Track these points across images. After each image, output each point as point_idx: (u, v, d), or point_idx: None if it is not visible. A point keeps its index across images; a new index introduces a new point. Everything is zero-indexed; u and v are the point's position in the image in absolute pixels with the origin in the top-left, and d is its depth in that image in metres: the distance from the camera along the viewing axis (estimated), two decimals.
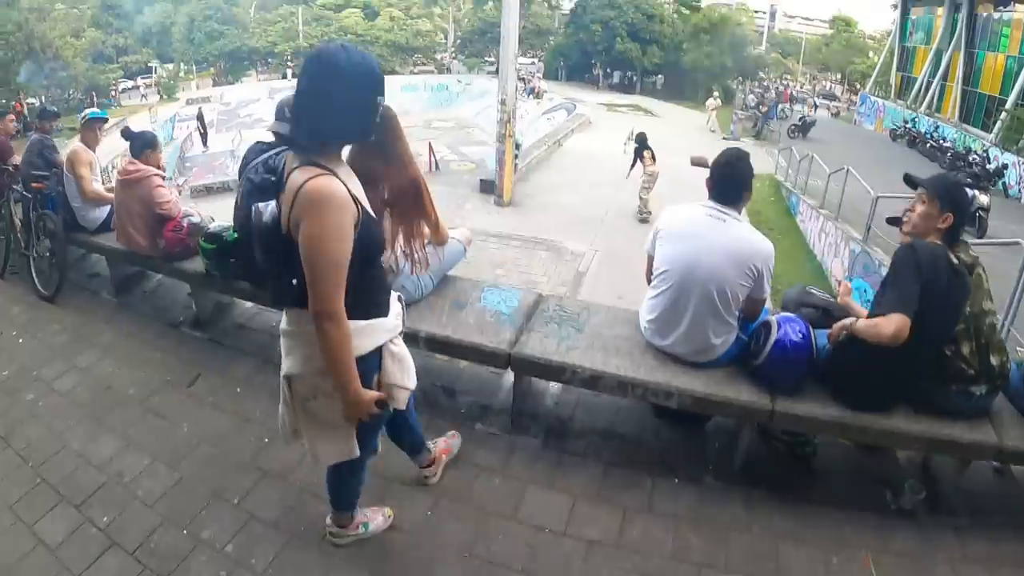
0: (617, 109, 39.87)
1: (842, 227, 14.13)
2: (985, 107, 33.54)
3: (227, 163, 32.37)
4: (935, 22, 41.79)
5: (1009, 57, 32.43)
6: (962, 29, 36.29)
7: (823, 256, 15.18)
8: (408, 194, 3.51)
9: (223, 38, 60.98)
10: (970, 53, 35.90)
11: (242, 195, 4.19)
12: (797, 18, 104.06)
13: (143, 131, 5.98)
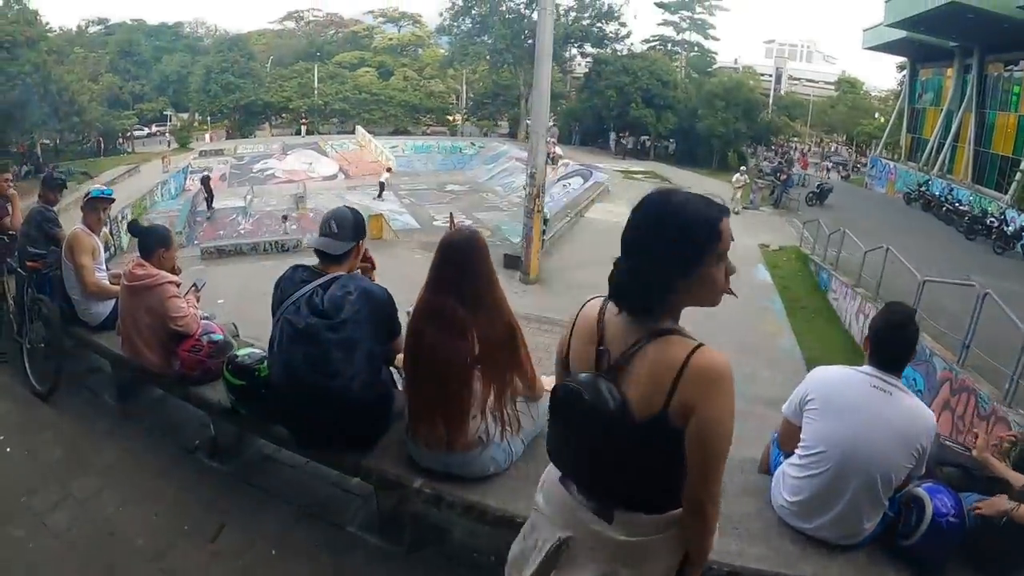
0: (633, 176, 39.37)
1: None
2: (999, 168, 33.40)
3: (238, 219, 32.55)
4: (944, 83, 42.00)
5: (1021, 117, 32.47)
6: (973, 90, 36.31)
7: (863, 339, 14.28)
8: (503, 345, 3.14)
9: (239, 91, 61.53)
10: (981, 113, 35.87)
11: (280, 338, 3.45)
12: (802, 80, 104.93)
13: (155, 226, 5.25)
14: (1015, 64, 33.78)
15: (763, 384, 11.86)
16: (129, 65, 64.75)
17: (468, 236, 3.24)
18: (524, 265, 16.71)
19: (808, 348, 13.95)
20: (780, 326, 15.37)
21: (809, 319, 16.01)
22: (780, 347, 13.99)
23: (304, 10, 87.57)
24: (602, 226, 23.89)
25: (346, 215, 3.58)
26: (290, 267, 3.61)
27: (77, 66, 56.49)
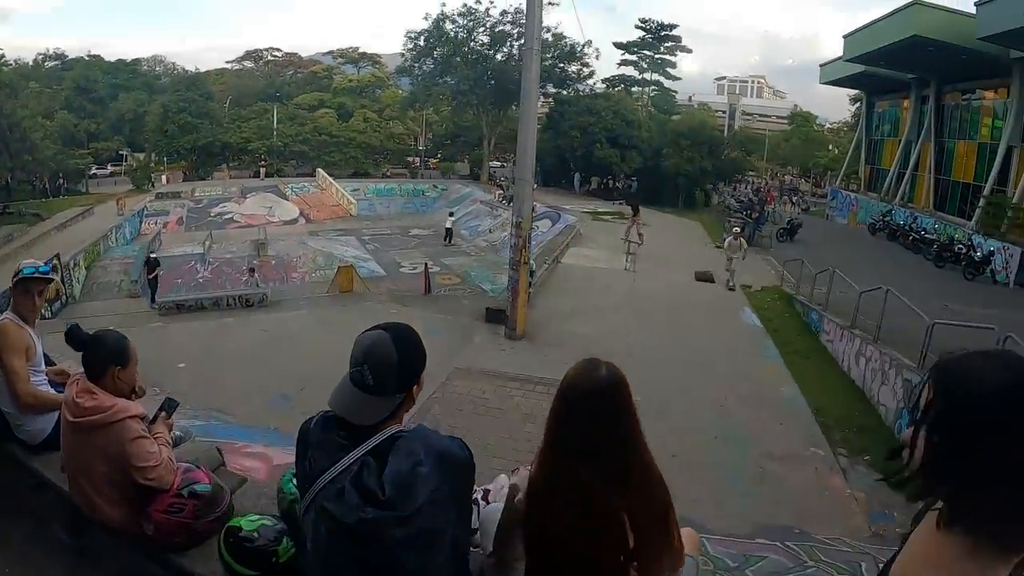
0: (601, 217, 39.04)
1: (889, 352, 12.97)
2: (960, 194, 34.34)
3: (197, 267, 31.06)
4: (901, 114, 43.11)
5: (981, 144, 33.31)
6: (931, 119, 37.35)
7: (865, 382, 13.84)
8: (659, 527, 2.36)
9: (196, 131, 60.12)
10: (940, 142, 36.99)
11: (319, 536, 2.25)
12: (755, 116, 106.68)
13: (104, 335, 3.61)
14: (972, 93, 34.87)
15: (776, 439, 11.39)
16: (85, 102, 63.77)
17: (609, 378, 2.45)
18: (510, 320, 15.74)
19: (812, 395, 13.33)
20: (779, 373, 14.71)
21: (805, 364, 15.41)
22: (784, 397, 13.34)
23: (263, 50, 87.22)
24: (580, 272, 23.37)
25: (386, 354, 2.27)
26: (318, 417, 2.50)
27: (31, 101, 55.41)
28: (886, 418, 12.40)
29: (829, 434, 11.68)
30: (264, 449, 8.19)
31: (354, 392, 2.28)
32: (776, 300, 20.89)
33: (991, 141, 32.21)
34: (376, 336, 2.32)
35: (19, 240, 34.13)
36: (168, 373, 12.46)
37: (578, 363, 2.56)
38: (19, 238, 34.59)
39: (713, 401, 12.49)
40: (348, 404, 2.30)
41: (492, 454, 9.84)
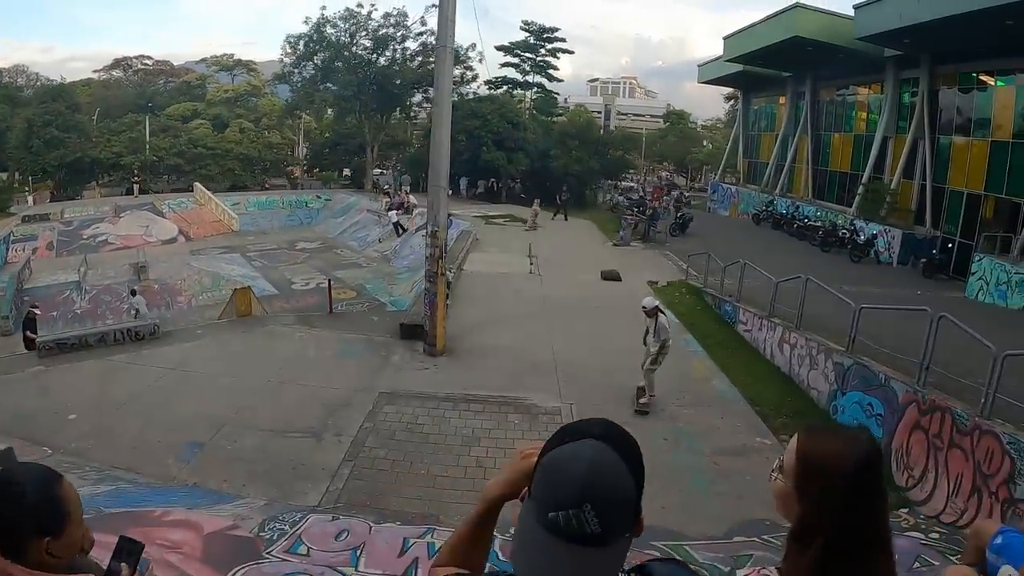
0: (493, 221, 38.62)
1: (815, 338, 13.36)
2: (838, 183, 36.38)
3: (73, 297, 28.75)
4: (778, 110, 44.92)
5: (856, 136, 35.43)
6: (807, 114, 39.16)
7: (792, 368, 14.15)
8: None
9: (63, 146, 56.02)
10: (817, 135, 38.77)
11: None
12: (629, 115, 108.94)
13: (16, 477, 2.26)
14: (847, 89, 36.77)
15: (723, 434, 11.50)
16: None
17: (864, 452, 1.80)
18: (429, 335, 14.94)
19: (742, 386, 13.54)
20: (707, 367, 14.79)
21: (728, 355, 15.56)
22: (717, 390, 13.43)
23: (132, 58, 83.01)
24: (485, 279, 22.83)
25: (619, 482, 1.38)
26: None
27: None
28: (819, 401, 12.80)
29: (769, 422, 11.94)
30: (188, 515, 7.27)
31: (570, 552, 1.34)
32: (685, 294, 21.02)
33: (866, 133, 34.01)
34: (595, 456, 1.38)
35: None
36: (57, 427, 11.19)
37: (825, 433, 1.90)
38: None
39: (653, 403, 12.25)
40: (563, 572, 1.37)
41: (443, 487, 9.44)
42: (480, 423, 11.36)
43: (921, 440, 9.74)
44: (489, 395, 12.49)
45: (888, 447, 10.27)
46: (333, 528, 7.11)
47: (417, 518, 8.13)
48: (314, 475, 9.74)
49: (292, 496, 9.09)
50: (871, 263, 27.48)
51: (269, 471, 9.82)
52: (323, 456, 10.30)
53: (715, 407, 12.55)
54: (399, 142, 65.52)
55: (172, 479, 9.60)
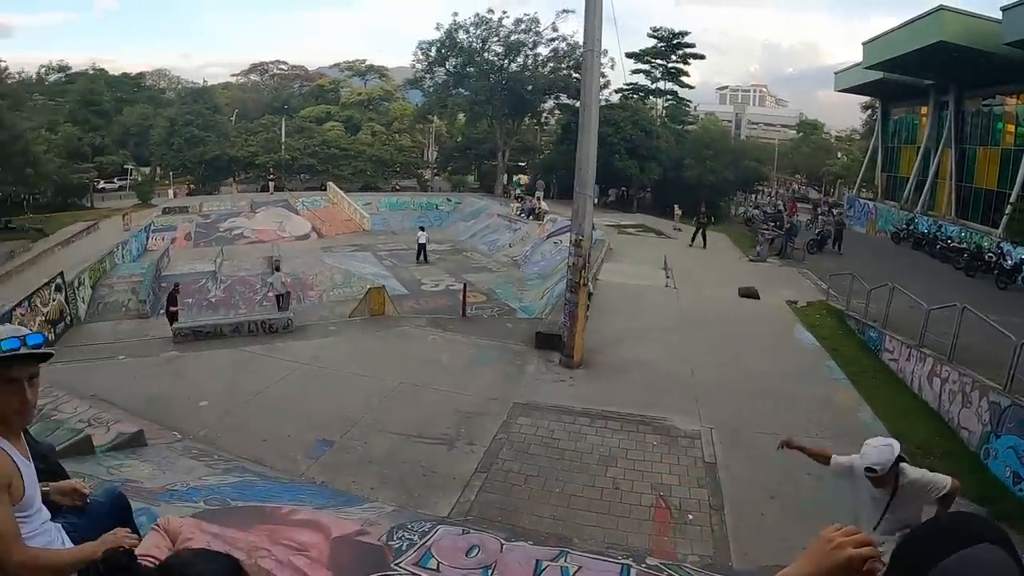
0: (626, 230, 38.30)
1: (970, 373, 12.26)
2: (983, 202, 33.83)
3: (208, 286, 30.09)
4: (919, 121, 42.56)
5: (1004, 150, 32.71)
6: (951, 126, 36.71)
7: (942, 404, 13.08)
8: None
9: (203, 145, 59.97)
10: (961, 149, 36.27)
11: None
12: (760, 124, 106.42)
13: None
14: (993, 99, 34.41)
15: None
16: (89, 115, 62.65)
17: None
18: (567, 347, 14.63)
19: (888, 420, 12.59)
20: (851, 397, 13.85)
21: (873, 385, 14.60)
22: (862, 423, 12.52)
23: (269, 63, 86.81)
24: (621, 291, 22.38)
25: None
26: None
27: (35, 114, 54.75)
28: (969, 443, 11.76)
29: (916, 463, 10.82)
30: (316, 515, 7.18)
31: None
32: (826, 317, 20.00)
33: (1015, 147, 31.72)
34: (1005, 568, 1.22)
35: (21, 256, 33.49)
36: (189, 413, 11.52)
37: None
38: (21, 254, 33.98)
39: (795, 431, 11.67)
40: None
41: (578, 507, 9.11)
42: (617, 442, 11.00)
43: None
44: (627, 413, 12.09)
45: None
46: (464, 543, 6.85)
47: (550, 539, 7.81)
48: (445, 484, 9.58)
49: (422, 504, 8.92)
50: (1019, 290, 25.04)
51: (399, 476, 9.73)
52: (455, 465, 10.14)
53: (859, 441, 11.63)
54: (530, 147, 65.84)
55: (300, 475, 9.64)
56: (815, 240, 33.15)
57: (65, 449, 8.08)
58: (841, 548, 1.45)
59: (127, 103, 67.99)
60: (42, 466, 3.35)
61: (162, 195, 56.17)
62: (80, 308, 24.76)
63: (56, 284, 22.72)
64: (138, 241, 38.46)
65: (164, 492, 7.46)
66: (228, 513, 6.96)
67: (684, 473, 10.15)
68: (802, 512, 9.34)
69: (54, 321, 22.01)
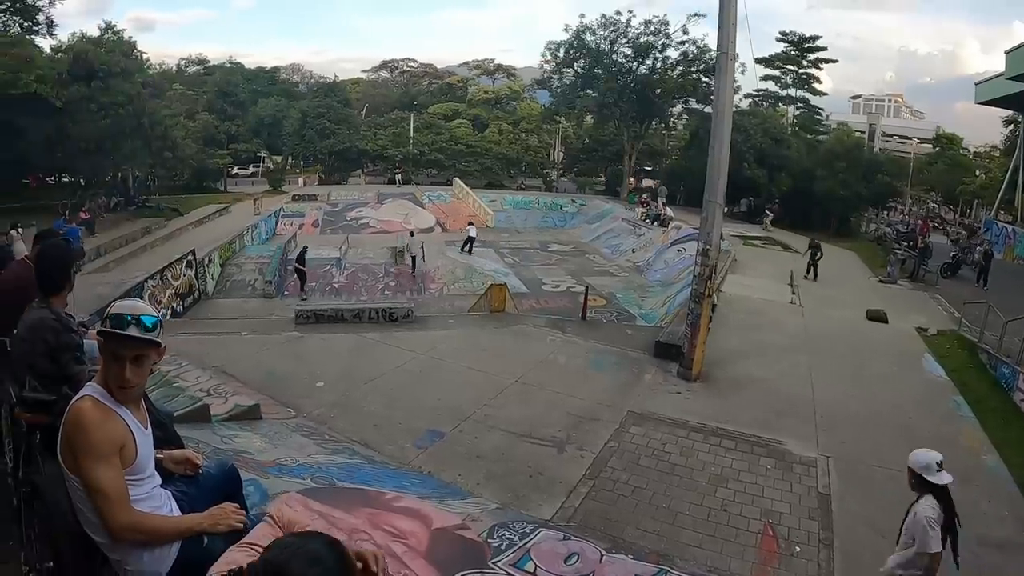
0: (752, 243, 37.77)
1: None
2: None
3: (332, 271, 31.22)
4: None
5: None
6: None
7: None
8: None
9: (333, 137, 62.33)
10: None
11: None
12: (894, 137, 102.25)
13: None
14: None
15: (989, 522, 9.93)
16: (226, 105, 66.34)
17: None
18: (686, 358, 14.53)
19: (1016, 468, 11.71)
20: (977, 437, 13.06)
21: (1003, 427, 13.73)
22: (986, 467, 11.77)
23: (398, 60, 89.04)
24: (744, 304, 22.10)
25: None
26: None
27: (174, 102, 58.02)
28: None
29: None
30: (419, 504, 7.29)
31: None
32: (956, 348, 19.08)
33: None
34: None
35: (157, 232, 35.71)
36: (305, 392, 12.02)
37: None
38: (157, 231, 36.21)
39: None
40: None
41: (683, 525, 9.01)
42: (730, 462, 10.85)
43: None
44: (742, 432, 11.94)
45: None
46: (564, 549, 6.80)
47: (651, 555, 7.68)
48: (551, 487, 9.59)
49: (526, 505, 8.94)
50: None
51: (506, 474, 9.80)
52: (563, 469, 10.16)
53: (982, 487, 10.98)
54: (656, 152, 65.46)
55: (407, 463, 9.79)
56: (949, 264, 31.84)
57: (183, 416, 8.47)
58: None
59: (261, 95, 71.27)
60: (159, 434, 3.55)
61: (292, 183, 58.60)
62: (209, 284, 26.24)
63: (187, 260, 24.10)
64: (268, 225, 40.39)
65: (273, 466, 7.73)
66: (333, 493, 7.18)
67: (796, 502, 9.92)
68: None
69: (183, 295, 23.32)
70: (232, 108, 67.26)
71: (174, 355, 11.77)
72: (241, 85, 70.93)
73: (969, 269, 31.92)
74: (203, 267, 25.56)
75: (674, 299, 24.08)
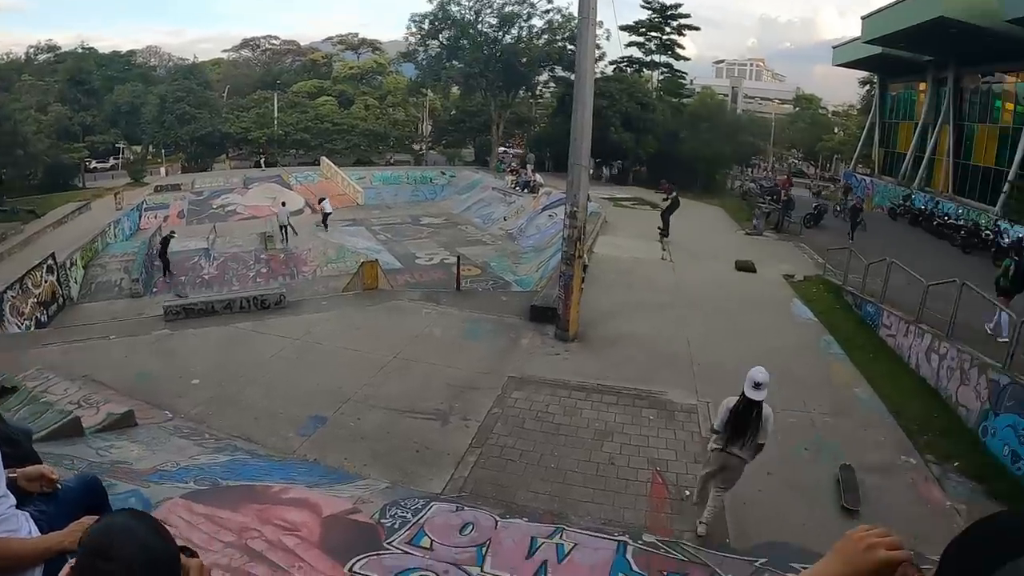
0: (622, 204, 38.23)
1: (968, 350, 12.20)
2: (981, 179, 33.65)
3: (200, 263, 29.71)
4: (917, 97, 42.35)
5: (1003, 128, 32.58)
6: (949, 103, 36.55)
7: (939, 381, 13.00)
8: None
9: (195, 121, 59.50)
10: (959, 126, 36.15)
11: None
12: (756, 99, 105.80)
13: (115, 537, 1.87)
14: (992, 76, 34.14)
15: (865, 448, 10.58)
16: (79, 95, 62.12)
17: None
18: (562, 320, 14.54)
19: (886, 397, 12.53)
20: (849, 373, 13.78)
21: (871, 361, 14.50)
22: (860, 399, 12.48)
23: (260, 38, 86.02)
24: (616, 264, 22.24)
25: None
26: None
27: (23, 94, 54.39)
28: (967, 420, 11.68)
29: (913, 439, 10.99)
30: (308, 493, 7.13)
31: None
32: (823, 292, 19.91)
33: (1014, 125, 31.44)
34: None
35: (14, 238, 33.08)
36: (180, 392, 11.44)
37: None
38: (13, 236, 33.55)
39: (793, 408, 11.54)
40: None
41: (574, 483, 9.09)
42: (613, 416, 10.96)
43: None
44: (623, 387, 12.04)
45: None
46: (458, 520, 6.87)
47: (545, 516, 7.81)
48: (439, 460, 9.55)
49: (415, 481, 8.92)
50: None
51: (392, 452, 9.68)
52: (449, 440, 10.10)
53: (857, 417, 11.73)
54: (524, 120, 65.43)
55: (292, 453, 9.58)
56: (811, 215, 32.98)
57: (53, 432, 8.17)
58: (874, 549, 1.36)
59: (117, 81, 67.22)
60: (8, 450, 3.34)
61: (154, 174, 55.69)
62: (73, 289, 24.62)
63: (48, 265, 22.49)
64: (131, 220, 38.24)
65: (154, 473, 7.46)
66: (218, 493, 6.96)
67: (681, 448, 10.13)
68: (798, 488, 9.38)
69: (46, 303, 21.82)
70: (86, 97, 62.95)
71: (39, 368, 11.23)
72: (95, 72, 66.55)
73: (840, 220, 33.27)
74: (65, 271, 24.03)
75: (548, 263, 24.01)
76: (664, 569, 6.48)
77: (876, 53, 39.60)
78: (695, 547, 7.24)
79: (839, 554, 1.41)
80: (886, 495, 9.32)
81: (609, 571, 6.29)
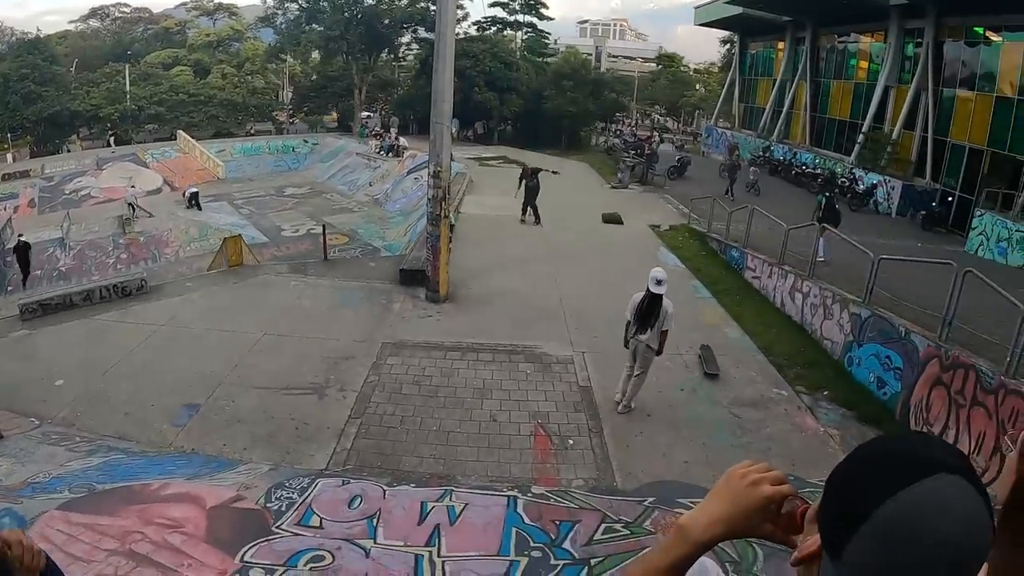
0: (488, 163, 38.21)
1: (830, 288, 12.89)
2: (836, 130, 35.56)
3: (56, 254, 28.00)
4: (776, 55, 43.91)
5: (857, 84, 34.39)
6: (807, 60, 38.14)
7: (804, 318, 13.71)
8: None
9: (41, 100, 55.09)
10: (816, 82, 37.81)
11: None
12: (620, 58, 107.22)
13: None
14: (847, 36, 35.84)
15: (739, 385, 11.11)
16: None
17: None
18: (432, 282, 14.33)
19: (755, 335, 13.16)
20: (718, 314, 14.38)
21: (738, 302, 15.13)
22: (730, 339, 13.03)
23: (109, 6, 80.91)
24: (485, 222, 22.27)
25: (985, 524, 1.00)
26: None
27: None
28: (832, 352, 12.41)
29: (784, 373, 11.60)
30: (189, 487, 6.86)
31: None
32: (689, 239, 20.51)
33: (867, 81, 33.13)
34: (966, 503, 0.97)
35: None
36: (44, 395, 10.61)
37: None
38: None
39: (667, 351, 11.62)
40: None
41: (458, 443, 9.07)
42: (491, 374, 10.95)
43: (942, 396, 9.52)
44: (498, 344, 12.07)
45: (907, 402, 10.10)
46: (345, 493, 6.82)
47: (433, 479, 7.85)
48: (319, 435, 9.32)
49: (298, 459, 8.73)
50: (870, 212, 27.14)
51: (271, 433, 9.40)
52: (327, 414, 9.88)
53: (729, 355, 12.12)
54: (387, 83, 64.31)
55: (168, 446, 9.15)
56: (675, 167, 33.67)
57: None
58: (757, 485, 1.27)
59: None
60: None
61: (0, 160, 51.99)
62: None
63: None
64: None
65: (26, 487, 7.20)
66: (95, 499, 6.68)
67: (561, 399, 10.27)
68: (678, 427, 9.62)
69: None
70: None
71: None
72: None
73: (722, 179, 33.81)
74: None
75: (415, 226, 23.62)
76: (556, 518, 6.60)
77: (737, 13, 40.68)
78: (584, 493, 7.39)
79: (723, 492, 1.31)
80: (763, 426, 9.76)
81: (502, 526, 6.38)
